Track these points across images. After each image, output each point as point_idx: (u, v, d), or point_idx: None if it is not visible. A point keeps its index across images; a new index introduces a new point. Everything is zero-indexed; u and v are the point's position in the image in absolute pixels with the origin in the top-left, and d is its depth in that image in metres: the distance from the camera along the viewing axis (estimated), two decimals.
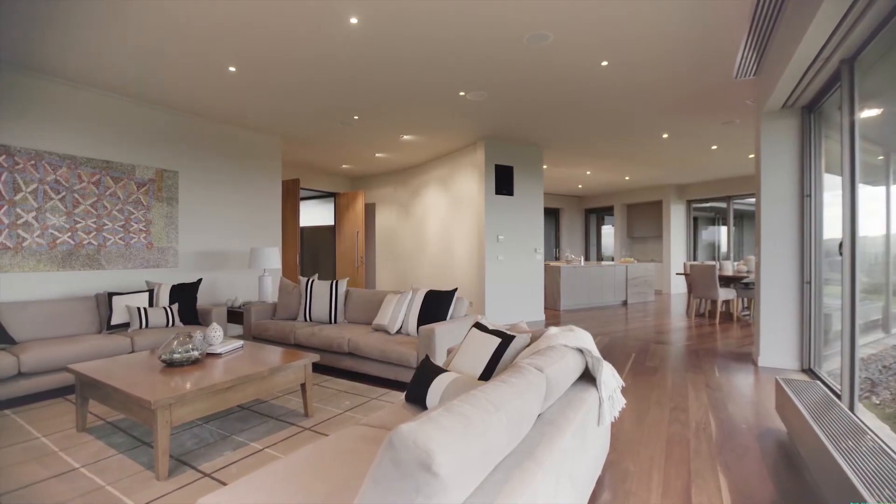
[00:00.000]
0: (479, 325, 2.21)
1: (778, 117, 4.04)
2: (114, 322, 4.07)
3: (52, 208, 4.16)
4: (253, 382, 2.67)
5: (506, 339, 2.00)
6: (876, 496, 1.51)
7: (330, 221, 9.54)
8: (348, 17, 3.15)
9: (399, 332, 3.93)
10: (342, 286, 4.60)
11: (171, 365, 2.71)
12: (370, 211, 9.43)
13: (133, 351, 3.74)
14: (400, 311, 3.94)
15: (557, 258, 12.89)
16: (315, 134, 6.20)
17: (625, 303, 9.12)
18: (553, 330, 1.99)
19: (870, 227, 2.84)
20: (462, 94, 4.67)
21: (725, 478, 2.18)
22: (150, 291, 4.37)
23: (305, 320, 4.54)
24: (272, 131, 6.06)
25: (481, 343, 2.07)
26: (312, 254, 10.28)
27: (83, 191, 4.37)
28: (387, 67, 4.00)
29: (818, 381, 2.81)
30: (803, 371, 3.98)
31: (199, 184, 5.37)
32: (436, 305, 3.82)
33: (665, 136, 6.44)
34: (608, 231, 13.41)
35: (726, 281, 7.11)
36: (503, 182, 6.69)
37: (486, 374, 1.93)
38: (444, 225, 7.69)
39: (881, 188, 2.98)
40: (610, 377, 2.01)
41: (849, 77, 2.83)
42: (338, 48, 3.62)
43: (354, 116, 5.41)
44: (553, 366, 1.58)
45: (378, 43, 3.54)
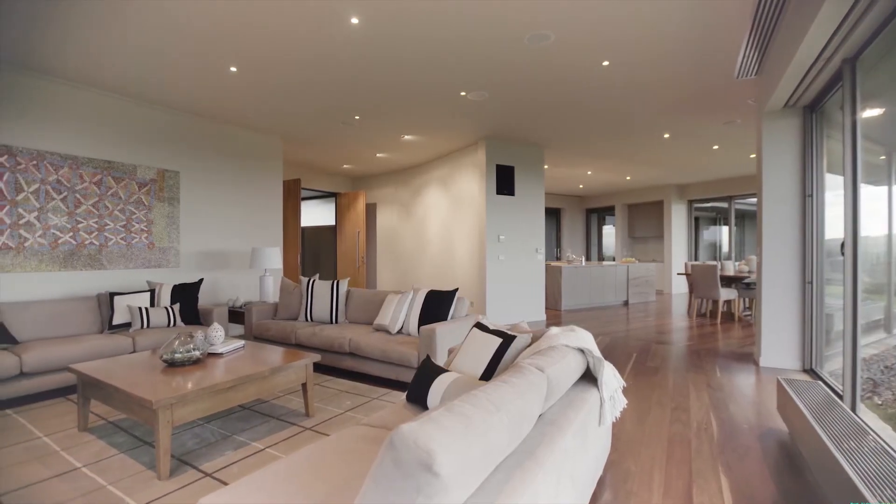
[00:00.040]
0: (480, 325, 2.21)
1: (779, 117, 4.03)
2: (115, 322, 4.08)
3: (54, 208, 4.17)
4: (254, 382, 2.67)
5: (507, 339, 2.00)
6: (878, 497, 1.51)
7: (331, 221, 9.54)
8: (349, 17, 3.15)
9: (400, 332, 3.93)
10: (343, 286, 4.60)
11: (172, 365, 2.72)
12: (371, 211, 9.44)
13: (134, 351, 3.75)
14: (401, 312, 3.94)
15: (558, 258, 12.89)
16: (316, 134, 6.20)
17: (626, 303, 9.11)
18: (554, 330, 1.99)
19: (872, 226, 2.83)
20: (463, 94, 4.67)
21: (727, 478, 2.18)
22: (152, 291, 4.38)
23: (306, 320, 4.54)
24: (273, 131, 6.07)
25: (482, 343, 2.07)
26: (313, 254, 10.29)
27: (85, 191, 4.37)
28: (388, 67, 4.00)
29: (820, 382, 2.81)
30: (805, 371, 3.97)
31: (200, 184, 5.38)
32: (437, 305, 3.82)
33: (666, 135, 6.43)
34: (609, 231, 13.40)
35: (728, 281, 7.10)
36: (504, 182, 6.69)
37: (487, 375, 1.93)
38: (445, 225, 7.69)
39: (883, 188, 2.98)
40: (611, 377, 2.01)
41: (850, 77, 2.83)
42: (338, 48, 3.62)
43: (355, 116, 5.41)
44: (554, 366, 1.58)
45: (379, 43, 3.54)
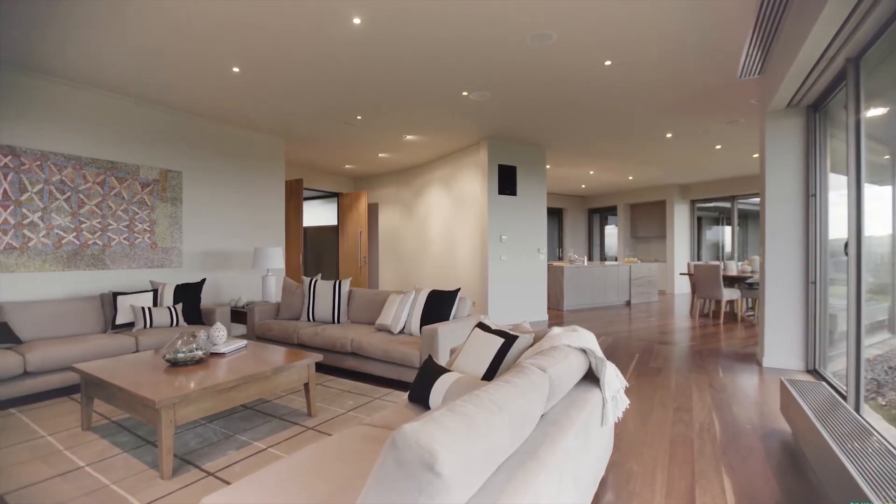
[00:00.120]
0: (482, 325, 2.21)
1: (783, 116, 4.02)
2: (118, 322, 4.09)
3: (58, 208, 4.18)
4: (256, 382, 2.68)
5: (509, 339, 2.00)
6: (881, 498, 1.50)
7: (333, 221, 9.55)
8: (351, 17, 3.15)
9: (402, 331, 3.94)
10: (345, 286, 4.60)
11: (175, 364, 2.73)
12: (373, 211, 9.44)
13: (137, 350, 3.76)
14: (403, 311, 3.95)
15: (560, 258, 12.87)
16: (318, 134, 6.21)
17: (628, 303, 9.09)
18: (556, 330, 1.99)
19: (876, 226, 2.82)
20: (465, 94, 4.67)
21: (730, 479, 2.17)
22: (155, 291, 4.40)
23: (309, 320, 4.55)
24: (275, 131, 6.08)
25: (484, 343, 2.07)
26: (316, 254, 10.31)
27: (88, 191, 4.39)
28: (389, 67, 4.00)
29: (823, 382, 2.80)
30: (808, 372, 3.95)
31: (202, 184, 5.39)
32: (439, 305, 3.82)
33: (668, 135, 6.42)
34: (611, 231, 13.38)
35: (730, 281, 7.08)
36: (506, 182, 6.68)
37: (490, 375, 1.93)
38: (447, 225, 7.69)
39: (887, 188, 2.96)
40: (613, 377, 2.00)
41: (854, 76, 2.82)
42: (340, 48, 3.62)
43: (357, 116, 5.42)
44: (556, 366, 1.58)
45: (380, 43, 3.54)
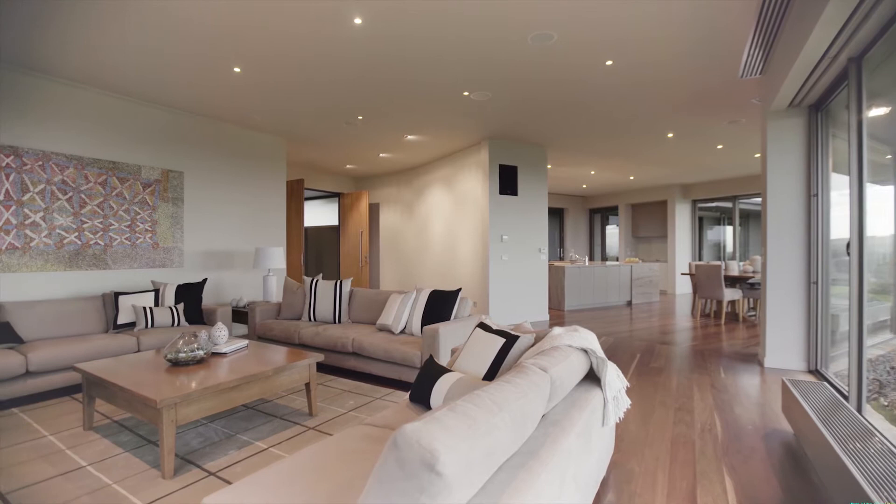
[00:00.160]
0: (483, 325, 2.21)
1: (784, 116, 4.01)
2: (120, 321, 4.10)
3: (60, 208, 4.19)
4: (257, 382, 2.68)
5: (510, 339, 2.00)
6: (884, 498, 1.50)
7: (334, 221, 9.56)
8: (352, 17, 3.16)
9: (403, 331, 3.94)
10: (346, 286, 4.61)
11: (176, 364, 2.73)
12: (374, 211, 9.45)
13: (139, 350, 3.77)
14: (404, 311, 3.95)
15: (562, 258, 12.86)
16: (319, 134, 6.21)
17: (629, 303, 9.08)
18: (557, 330, 1.98)
19: (878, 226, 2.81)
20: (466, 93, 4.67)
21: (731, 479, 2.17)
22: (156, 291, 4.40)
23: (310, 320, 4.55)
24: (277, 131, 6.09)
25: (485, 343, 2.07)
26: (317, 254, 10.31)
27: (90, 191, 4.40)
28: (391, 67, 4.00)
29: (825, 383, 2.79)
30: (810, 372, 3.95)
31: (204, 184, 5.40)
32: (440, 305, 3.82)
33: (670, 135, 6.41)
34: (613, 231, 13.37)
35: (732, 281, 7.07)
36: (507, 182, 6.68)
37: (491, 375, 1.93)
38: (448, 225, 7.69)
39: (889, 187, 2.95)
40: (615, 378, 2.00)
41: (856, 75, 2.81)
42: (341, 48, 3.63)
43: (359, 116, 5.42)
44: (557, 366, 1.57)
45: (382, 43, 3.54)
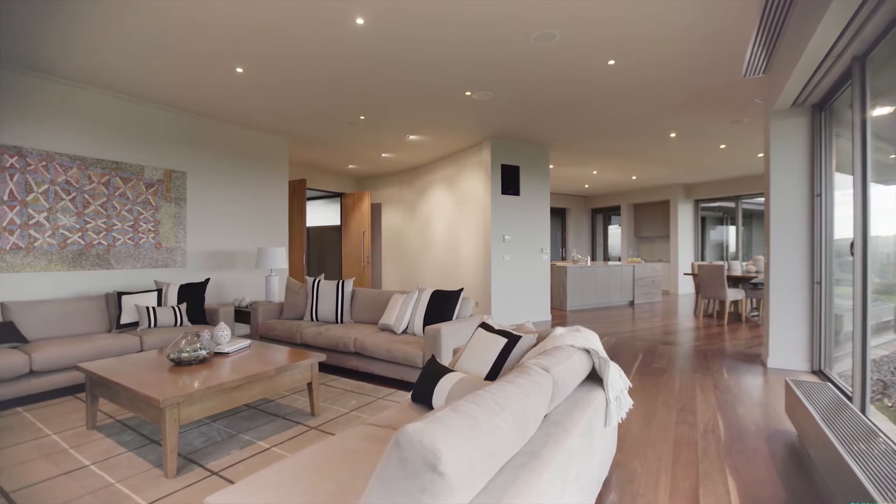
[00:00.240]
0: (484, 325, 2.21)
1: (787, 116, 3.99)
2: (123, 321, 4.11)
3: (63, 209, 4.21)
4: (260, 382, 2.69)
5: (512, 339, 2.00)
6: (888, 499, 1.49)
7: (336, 221, 9.57)
8: (354, 17, 3.16)
9: (405, 331, 3.94)
10: (348, 286, 4.61)
11: (179, 364, 2.74)
12: (376, 211, 9.45)
13: (142, 350, 3.78)
14: (406, 311, 3.95)
15: (564, 258, 12.85)
16: (321, 134, 6.22)
17: (632, 303, 9.06)
18: (559, 330, 1.98)
19: (882, 226, 2.80)
20: (468, 93, 4.66)
21: (734, 480, 2.16)
22: (159, 291, 4.42)
23: (312, 320, 4.56)
24: (279, 132, 6.10)
25: (487, 343, 2.07)
26: (319, 254, 10.32)
27: (93, 191, 4.42)
28: (392, 67, 4.00)
29: (829, 383, 2.78)
30: (813, 372, 3.93)
31: (206, 184, 5.41)
32: (442, 305, 3.82)
33: (672, 135, 6.39)
34: (615, 231, 13.34)
35: (735, 281, 7.05)
36: (509, 182, 6.68)
37: (493, 375, 1.93)
38: (450, 225, 7.69)
39: (893, 187, 2.94)
40: (617, 378, 2.00)
41: (860, 74, 2.80)
42: (344, 49, 3.63)
43: (361, 117, 5.42)
44: (559, 366, 1.57)
45: (383, 43, 3.54)
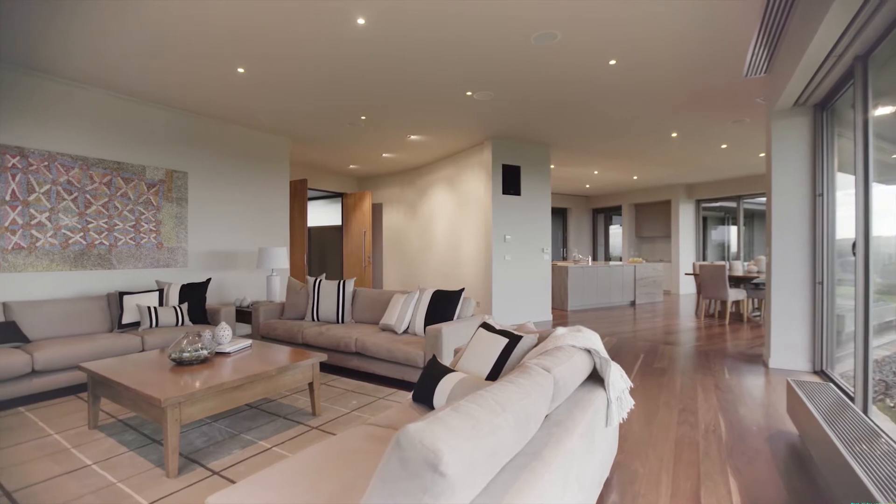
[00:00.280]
0: (486, 326, 2.21)
1: (789, 115, 3.98)
2: (125, 321, 4.12)
3: (65, 209, 4.22)
4: (261, 381, 2.69)
5: (513, 339, 2.00)
6: (890, 501, 1.49)
7: (337, 221, 9.57)
8: (355, 17, 3.16)
9: (406, 331, 3.94)
10: (349, 286, 4.61)
11: (180, 364, 2.74)
12: (377, 211, 9.45)
13: (143, 350, 3.79)
14: (407, 311, 3.95)
15: (565, 258, 12.84)
16: (323, 134, 6.22)
17: (633, 303, 9.05)
18: (560, 330, 1.98)
19: (884, 226, 2.79)
20: (469, 93, 4.66)
21: (736, 480, 2.16)
22: (160, 291, 4.42)
23: (313, 320, 4.56)
24: (280, 132, 6.10)
25: (488, 343, 2.07)
26: (320, 254, 10.33)
27: (95, 191, 4.42)
28: (394, 67, 4.00)
29: (831, 383, 2.77)
30: (815, 373, 3.92)
31: (208, 184, 5.42)
32: (443, 305, 3.82)
33: (674, 134, 6.38)
34: (616, 231, 13.33)
35: (736, 281, 7.03)
36: (510, 182, 6.67)
37: (494, 375, 1.93)
38: (452, 225, 7.68)
39: (895, 187, 2.93)
40: (618, 378, 1.99)
41: (862, 74, 2.79)
42: (345, 49, 3.63)
43: (362, 117, 5.43)
44: (560, 366, 1.57)
45: (385, 43, 3.54)
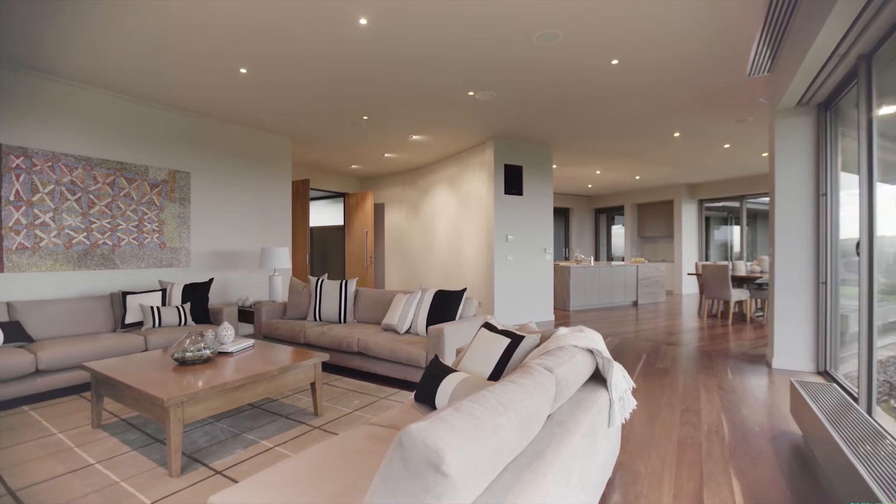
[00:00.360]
0: (488, 326, 2.21)
1: (792, 115, 3.97)
2: (128, 321, 4.13)
3: (69, 209, 4.23)
4: (263, 381, 2.69)
5: (515, 339, 1.99)
6: (894, 501, 1.48)
7: (339, 221, 9.58)
8: (357, 17, 3.16)
9: (408, 331, 3.94)
10: (352, 286, 4.62)
11: (183, 363, 2.75)
12: (379, 211, 9.46)
13: (146, 349, 3.80)
14: (409, 311, 3.95)
15: (567, 258, 12.82)
16: (325, 134, 6.23)
17: (635, 303, 9.04)
18: (563, 330, 1.98)
19: (888, 226, 2.78)
20: (471, 93, 4.66)
21: (738, 481, 2.15)
22: (163, 291, 4.44)
23: (315, 320, 4.56)
24: (282, 132, 6.11)
25: (490, 343, 2.07)
26: (322, 254, 10.34)
27: (98, 192, 4.44)
28: (396, 68, 4.00)
29: (834, 384, 2.76)
30: (819, 373, 3.91)
31: (210, 184, 5.43)
32: (445, 305, 3.82)
33: (676, 134, 6.37)
34: (618, 231, 13.30)
35: (739, 281, 7.01)
36: (512, 182, 6.67)
37: (496, 375, 1.93)
38: (453, 225, 7.68)
39: None
40: (620, 378, 1.99)
41: (866, 73, 2.78)
42: (347, 49, 3.63)
43: (364, 117, 5.43)
44: (563, 366, 1.57)
45: (387, 43, 3.54)
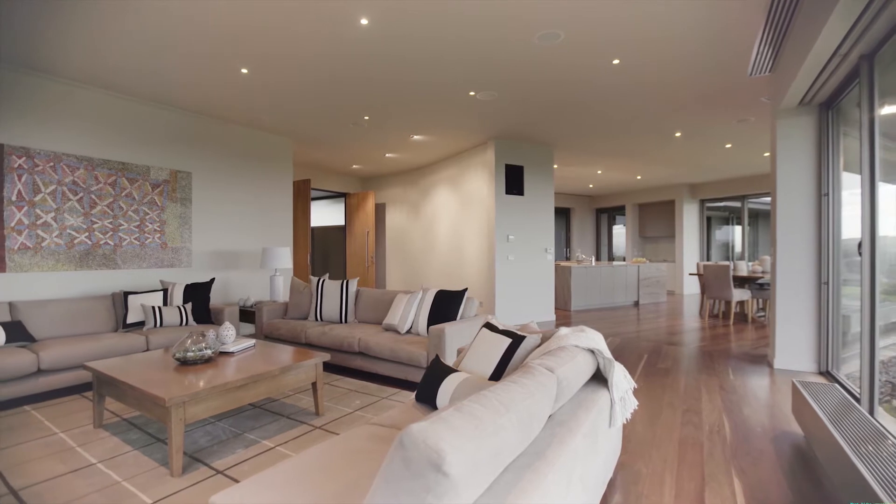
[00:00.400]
0: (489, 326, 2.21)
1: (794, 115, 3.96)
2: (129, 321, 4.14)
3: (70, 209, 4.24)
4: (264, 381, 2.70)
5: (516, 339, 1.99)
6: None
7: (340, 221, 9.59)
8: (358, 18, 3.16)
9: (409, 331, 3.94)
10: (353, 286, 4.62)
11: (184, 363, 2.75)
12: (380, 211, 9.47)
13: (148, 349, 3.80)
14: (410, 311, 3.95)
15: (568, 258, 12.81)
16: (326, 134, 6.24)
17: (636, 303, 9.03)
18: (564, 330, 1.98)
19: (890, 226, 2.77)
20: (472, 93, 4.66)
21: (740, 481, 2.15)
22: (165, 291, 4.44)
23: (316, 320, 4.57)
24: (284, 132, 6.12)
25: (491, 343, 2.07)
26: (323, 254, 10.35)
27: (100, 192, 4.45)
28: (397, 68, 4.01)
29: (836, 384, 2.75)
30: (821, 374, 3.90)
31: (212, 184, 5.44)
32: (446, 305, 3.82)
33: (678, 134, 6.36)
34: (619, 231, 13.29)
35: (741, 281, 7.00)
36: (513, 182, 6.66)
37: (497, 375, 1.93)
38: (455, 225, 7.68)
39: None
40: (622, 378, 1.99)
41: (868, 73, 2.77)
42: (348, 49, 3.64)
43: (365, 117, 5.43)
44: (564, 366, 1.57)
45: (388, 44, 3.55)
